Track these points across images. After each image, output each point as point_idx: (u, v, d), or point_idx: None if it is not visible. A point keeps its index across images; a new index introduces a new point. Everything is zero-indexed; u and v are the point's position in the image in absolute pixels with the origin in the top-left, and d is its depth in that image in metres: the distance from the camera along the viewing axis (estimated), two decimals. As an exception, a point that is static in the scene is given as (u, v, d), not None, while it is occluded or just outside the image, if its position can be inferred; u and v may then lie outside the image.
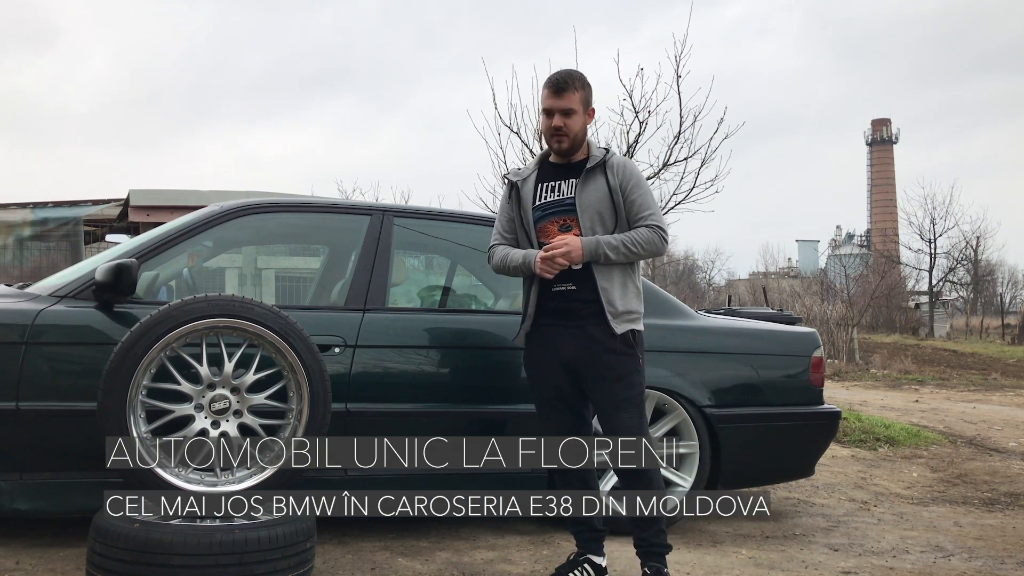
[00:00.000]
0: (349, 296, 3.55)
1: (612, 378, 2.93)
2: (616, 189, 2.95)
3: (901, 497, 5.06)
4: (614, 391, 2.94)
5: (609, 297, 2.92)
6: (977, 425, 8.21)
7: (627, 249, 2.91)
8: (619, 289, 2.95)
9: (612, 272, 2.95)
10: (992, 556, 3.71)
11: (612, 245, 2.90)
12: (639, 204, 2.95)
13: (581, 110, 2.96)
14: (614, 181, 2.95)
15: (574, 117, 2.95)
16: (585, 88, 2.99)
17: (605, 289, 2.93)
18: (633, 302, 2.98)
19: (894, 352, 19.96)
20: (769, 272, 63.44)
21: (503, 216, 3.15)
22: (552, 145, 3.02)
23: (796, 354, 4.18)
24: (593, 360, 2.94)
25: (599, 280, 2.93)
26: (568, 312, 2.97)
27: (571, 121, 2.95)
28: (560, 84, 2.95)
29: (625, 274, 2.98)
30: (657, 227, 2.94)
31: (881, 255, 46.19)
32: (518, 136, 9.14)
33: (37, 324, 3.06)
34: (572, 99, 2.94)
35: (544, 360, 3.04)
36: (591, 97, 3.03)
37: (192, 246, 3.68)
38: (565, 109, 2.94)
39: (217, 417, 2.90)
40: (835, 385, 12.99)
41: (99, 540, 2.55)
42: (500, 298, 4.46)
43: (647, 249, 2.93)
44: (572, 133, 2.96)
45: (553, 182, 3.02)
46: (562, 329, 2.98)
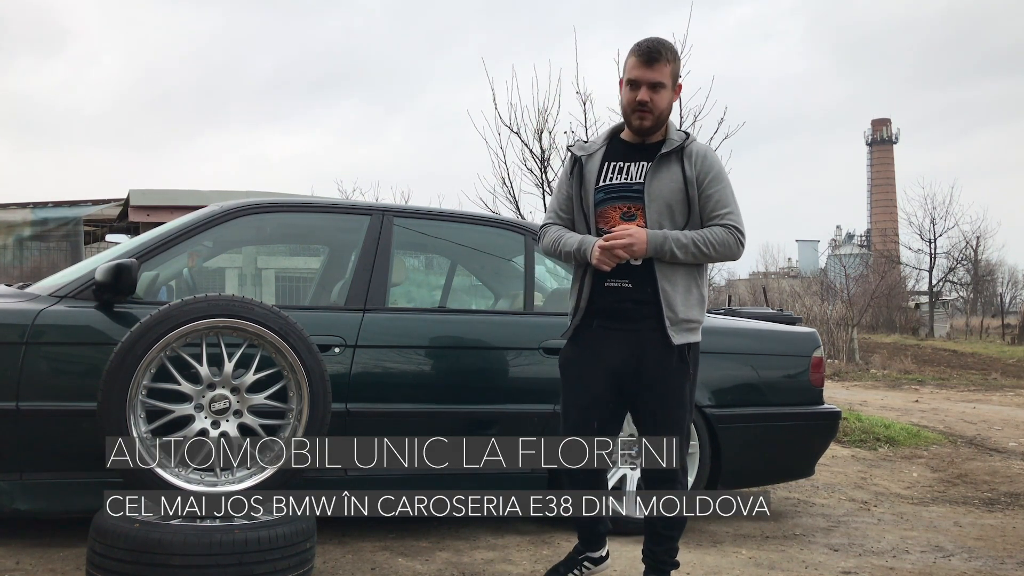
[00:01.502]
0: (349, 296, 3.55)
1: (664, 393, 2.68)
2: (692, 180, 2.64)
3: (901, 497, 5.06)
4: (662, 408, 2.69)
5: (670, 300, 2.63)
6: (977, 425, 8.21)
7: (697, 249, 2.60)
8: (682, 293, 2.65)
9: (676, 272, 2.64)
10: (992, 556, 3.70)
11: (681, 243, 2.60)
12: (716, 200, 2.64)
13: (670, 85, 2.66)
14: (691, 171, 2.65)
15: (662, 92, 2.64)
16: (677, 61, 2.69)
17: (666, 291, 2.63)
18: (695, 310, 2.68)
19: (894, 352, 19.96)
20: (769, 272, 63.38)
21: (560, 193, 2.84)
22: (633, 121, 2.69)
23: (796, 354, 4.18)
24: (642, 371, 2.67)
25: (660, 280, 2.63)
26: (620, 313, 2.68)
27: (659, 96, 2.64)
28: (652, 53, 2.62)
29: (691, 277, 2.68)
30: (735, 228, 2.63)
31: (881, 255, 46.19)
32: (518, 136, 9.16)
33: (37, 324, 3.05)
34: (663, 72, 2.62)
35: (586, 366, 2.76)
36: (679, 73, 2.73)
37: (192, 246, 3.68)
38: (654, 82, 2.62)
39: (217, 417, 2.90)
40: (835, 385, 12.99)
41: (99, 540, 2.55)
42: (500, 298, 4.46)
43: (720, 252, 2.63)
44: (658, 110, 2.65)
45: (622, 163, 2.71)
46: (611, 332, 2.70)
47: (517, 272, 4.09)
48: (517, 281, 4.05)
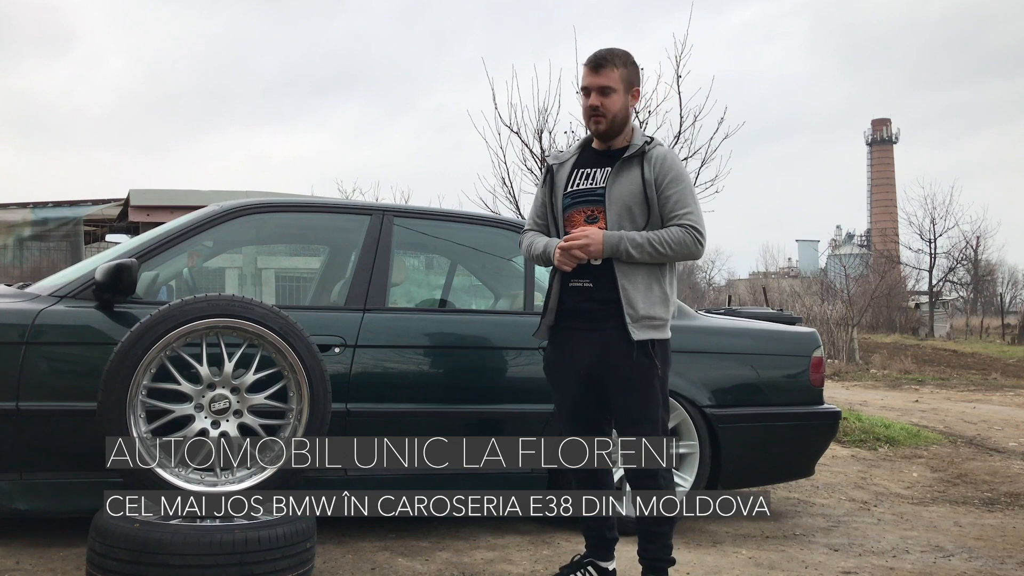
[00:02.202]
0: (349, 296, 3.55)
1: (630, 390, 2.74)
2: (651, 182, 2.73)
3: (901, 497, 5.06)
4: (631, 404, 2.75)
5: (630, 298, 2.71)
6: (977, 425, 8.21)
7: (653, 248, 2.68)
8: (642, 291, 2.73)
9: (636, 272, 2.73)
10: (992, 556, 3.70)
11: (636, 243, 2.68)
12: (675, 200, 2.72)
13: (622, 89, 2.76)
14: (650, 174, 2.73)
15: (612, 96, 2.75)
16: (627, 66, 2.79)
17: (626, 289, 2.72)
18: (657, 307, 2.74)
19: (894, 352, 19.96)
20: (769, 272, 63.44)
21: (537, 201, 3.00)
22: (589, 127, 2.83)
23: (796, 354, 4.18)
24: (610, 369, 2.75)
25: (620, 279, 2.72)
26: (585, 313, 2.78)
27: (609, 101, 2.75)
28: (599, 61, 2.76)
29: (651, 275, 2.75)
30: (692, 227, 2.70)
31: (881, 255, 46.17)
32: (518, 136, 9.16)
33: (37, 324, 3.05)
34: (611, 76, 2.75)
35: (562, 368, 2.86)
36: (636, 77, 2.82)
37: (192, 246, 3.68)
38: (602, 87, 2.75)
39: (217, 417, 2.90)
40: (835, 385, 12.99)
41: (99, 540, 2.55)
42: (500, 298, 4.46)
43: (676, 251, 2.70)
44: (610, 114, 2.76)
45: (589, 169, 2.83)
46: (579, 333, 2.80)
47: (517, 272, 4.09)
48: (517, 281, 4.06)
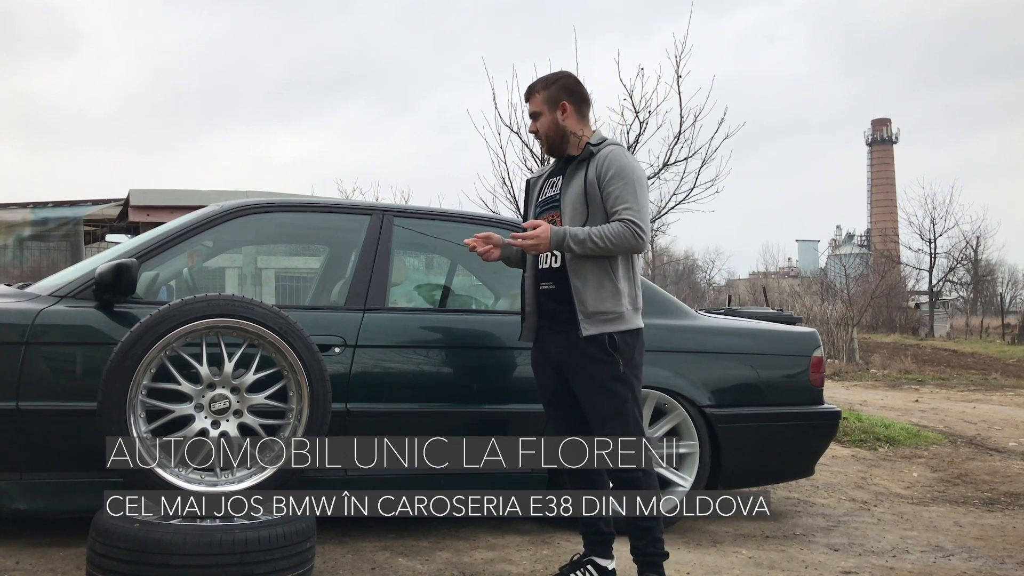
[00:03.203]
0: (349, 296, 3.55)
1: (591, 387, 2.86)
2: (593, 181, 2.87)
3: (901, 497, 5.06)
4: (594, 401, 2.86)
5: (580, 296, 2.84)
6: (977, 425, 8.21)
7: (593, 243, 2.77)
8: (593, 288, 2.84)
9: (585, 269, 2.85)
10: (992, 556, 3.71)
11: (578, 238, 2.79)
12: (615, 196, 2.83)
13: (547, 109, 2.98)
14: (592, 174, 2.88)
15: (541, 119, 3.00)
16: (549, 87, 3.00)
17: (577, 288, 2.85)
18: (608, 302, 2.83)
19: (894, 352, 19.96)
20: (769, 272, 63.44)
21: (524, 215, 3.21)
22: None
23: (796, 354, 4.18)
24: (573, 366, 2.89)
25: (571, 278, 2.86)
26: (550, 314, 2.96)
27: (539, 123, 3.01)
28: (526, 91, 3.05)
29: (602, 271, 2.84)
30: (630, 221, 2.79)
31: (881, 255, 46.18)
32: (518, 136, 9.17)
33: (37, 324, 3.05)
34: (535, 102, 3.01)
35: (539, 363, 3.05)
36: (561, 93, 2.99)
37: (192, 246, 3.68)
38: (532, 113, 3.03)
39: (217, 417, 2.90)
40: (835, 385, 12.99)
41: (99, 540, 2.55)
42: (500, 298, 4.46)
43: (616, 244, 2.78)
44: (542, 133, 3.03)
45: (555, 178, 3.04)
46: (551, 333, 2.97)
47: (517, 272, 4.08)
48: (517, 281, 4.05)
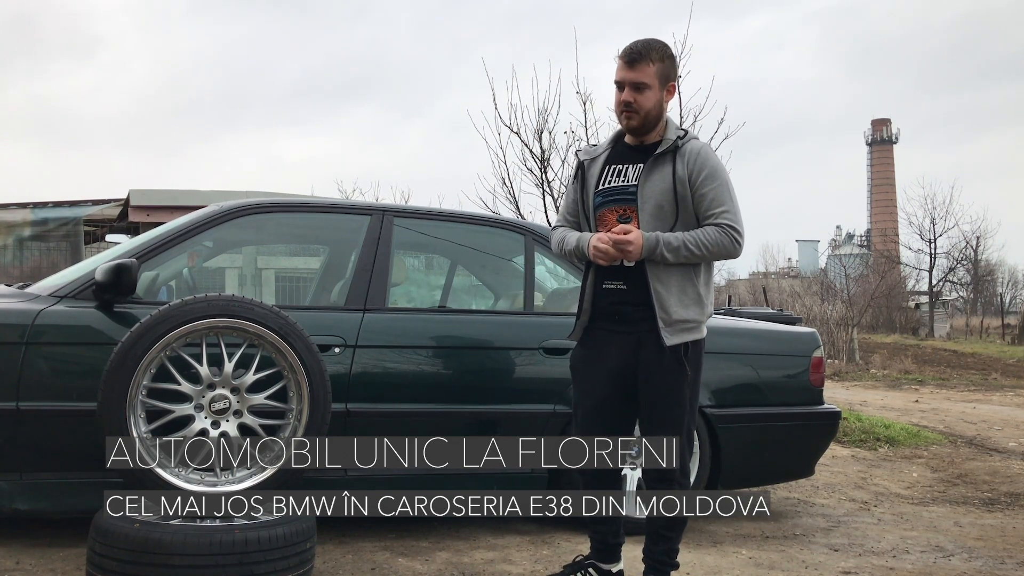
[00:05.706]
0: (349, 296, 3.55)
1: (658, 394, 2.69)
2: (683, 180, 2.64)
3: (901, 497, 5.06)
4: (657, 408, 2.70)
5: (663, 302, 2.64)
6: (977, 425, 8.21)
7: (688, 251, 2.60)
8: (676, 294, 2.65)
9: (669, 274, 2.65)
10: (992, 556, 3.70)
11: (672, 246, 2.60)
12: (711, 199, 2.63)
13: (657, 85, 2.67)
14: (683, 170, 2.65)
15: (647, 92, 2.66)
16: (664, 61, 2.69)
17: (659, 292, 2.64)
18: (691, 310, 2.67)
19: (894, 352, 19.96)
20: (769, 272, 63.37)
21: (568, 197, 2.92)
22: (621, 122, 2.74)
23: (796, 354, 4.18)
24: (640, 372, 2.69)
25: (652, 282, 2.64)
26: (618, 315, 2.72)
27: (643, 97, 2.66)
28: (633, 54, 2.66)
29: (685, 277, 2.67)
30: (729, 227, 2.61)
31: (881, 255, 46.15)
32: (518, 136, 9.16)
33: (37, 324, 3.05)
34: (646, 72, 2.65)
35: (591, 369, 2.79)
36: (673, 72, 2.73)
37: (192, 246, 3.68)
38: (637, 83, 2.66)
39: (217, 417, 2.90)
40: (835, 385, 12.99)
41: (99, 540, 2.55)
42: (500, 298, 4.46)
43: (713, 251, 2.62)
44: (643, 110, 2.68)
45: (621, 165, 2.75)
46: (612, 335, 2.74)
47: (517, 272, 4.09)
48: (517, 281, 4.06)
